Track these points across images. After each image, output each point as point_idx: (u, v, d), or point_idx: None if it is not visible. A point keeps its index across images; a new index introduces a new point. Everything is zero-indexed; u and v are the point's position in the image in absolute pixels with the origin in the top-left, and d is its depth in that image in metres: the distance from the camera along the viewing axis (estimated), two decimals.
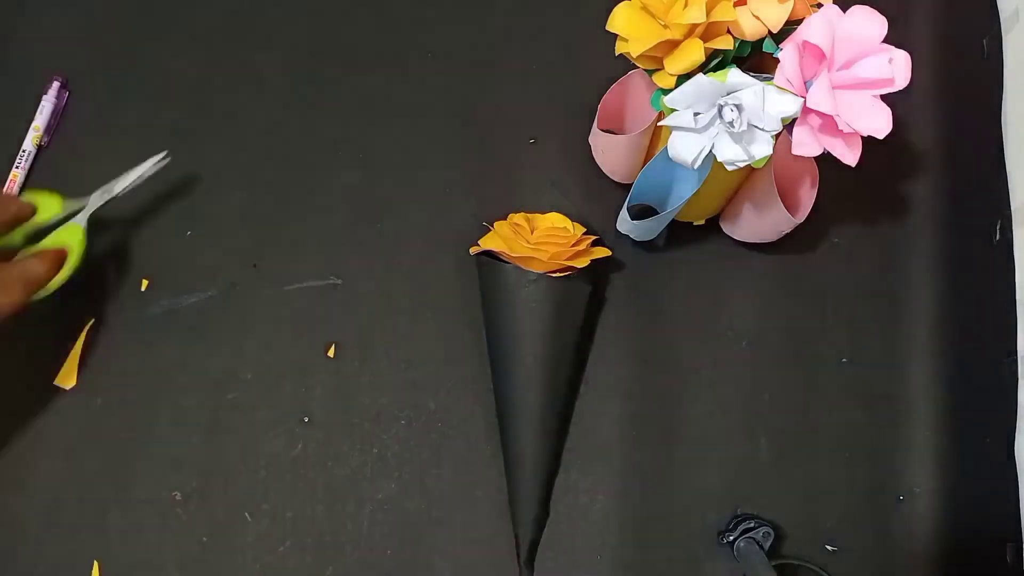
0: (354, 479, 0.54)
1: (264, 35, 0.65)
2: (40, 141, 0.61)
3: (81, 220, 0.54)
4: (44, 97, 0.62)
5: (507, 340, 0.52)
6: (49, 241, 0.53)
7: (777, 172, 0.48)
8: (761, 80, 0.40)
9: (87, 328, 0.57)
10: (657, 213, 0.50)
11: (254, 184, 0.61)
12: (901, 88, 0.41)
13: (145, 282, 0.58)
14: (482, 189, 0.60)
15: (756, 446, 0.55)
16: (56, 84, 0.62)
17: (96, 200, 0.55)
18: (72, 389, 0.56)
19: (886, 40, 0.41)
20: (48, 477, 0.54)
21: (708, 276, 0.58)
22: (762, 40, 0.42)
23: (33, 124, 0.61)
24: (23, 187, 0.60)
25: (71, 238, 0.53)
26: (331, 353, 0.56)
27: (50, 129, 0.62)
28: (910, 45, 0.42)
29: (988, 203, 0.56)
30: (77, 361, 0.56)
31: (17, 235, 0.52)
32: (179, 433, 0.54)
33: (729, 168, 0.42)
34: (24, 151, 0.60)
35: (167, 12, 0.65)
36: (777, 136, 0.41)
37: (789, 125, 0.42)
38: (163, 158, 0.57)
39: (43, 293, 0.51)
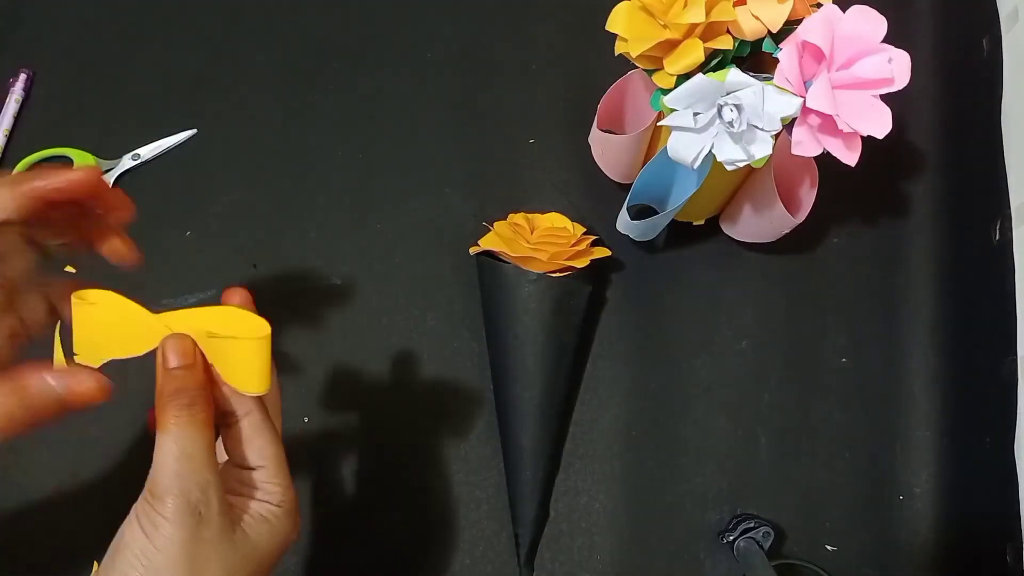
0: (354, 479, 0.54)
1: (264, 35, 0.65)
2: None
3: (108, 179, 0.59)
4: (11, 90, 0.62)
5: (507, 340, 0.52)
6: None
7: (777, 172, 0.48)
8: (761, 80, 0.40)
9: (57, 329, 0.57)
10: (657, 213, 0.50)
11: (254, 184, 0.61)
12: (901, 88, 0.41)
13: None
14: (482, 189, 0.60)
15: (756, 446, 0.55)
16: (23, 76, 0.63)
17: (126, 162, 0.60)
18: None
19: (886, 40, 0.41)
20: (48, 477, 0.54)
21: (708, 276, 0.58)
22: (761, 40, 0.42)
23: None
24: None
25: None
26: (331, 353, 0.56)
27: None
28: (910, 45, 0.42)
29: (988, 203, 0.56)
30: (63, 361, 0.56)
31: None
32: None
33: (729, 168, 0.42)
34: None
35: (167, 11, 0.65)
36: (777, 136, 0.41)
37: (789, 125, 0.42)
38: (192, 135, 0.61)
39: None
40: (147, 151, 0.61)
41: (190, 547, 0.32)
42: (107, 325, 0.35)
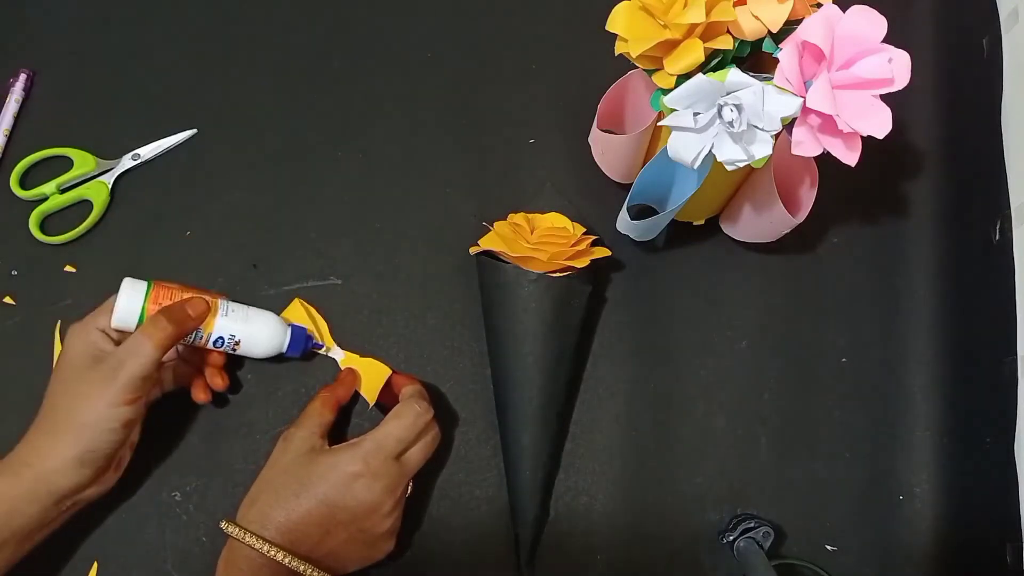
0: None
1: (264, 35, 0.65)
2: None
3: (108, 179, 0.60)
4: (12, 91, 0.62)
5: (507, 340, 0.52)
6: (76, 194, 0.59)
7: (777, 172, 0.48)
8: (761, 80, 0.40)
9: (57, 329, 0.57)
10: (657, 213, 0.50)
11: (254, 184, 0.61)
12: (901, 88, 0.41)
13: None
14: (482, 189, 0.60)
15: (756, 446, 0.55)
16: (23, 76, 0.62)
17: (126, 162, 0.60)
18: None
19: (886, 40, 0.41)
20: None
21: (708, 276, 0.58)
22: (762, 40, 0.42)
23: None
24: None
25: (96, 194, 0.59)
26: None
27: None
28: (910, 45, 0.42)
29: (988, 203, 0.56)
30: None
31: (50, 186, 0.59)
32: (179, 433, 0.54)
33: (729, 168, 0.42)
34: None
35: (167, 10, 0.65)
36: (777, 136, 0.41)
37: (789, 125, 0.42)
38: (192, 135, 0.61)
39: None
40: (147, 151, 0.61)
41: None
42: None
